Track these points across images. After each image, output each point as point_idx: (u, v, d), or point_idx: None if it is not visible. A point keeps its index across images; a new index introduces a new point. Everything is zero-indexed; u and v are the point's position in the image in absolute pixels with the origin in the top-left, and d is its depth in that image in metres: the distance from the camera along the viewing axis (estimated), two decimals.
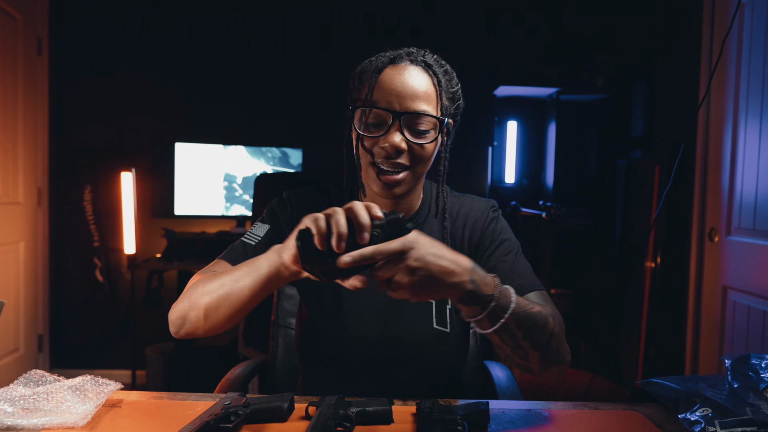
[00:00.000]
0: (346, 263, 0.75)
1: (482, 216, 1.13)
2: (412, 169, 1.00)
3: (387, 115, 0.97)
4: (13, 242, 2.96)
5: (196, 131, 3.28)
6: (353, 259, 0.75)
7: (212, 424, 0.81)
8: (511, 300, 0.86)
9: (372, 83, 0.98)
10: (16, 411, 0.85)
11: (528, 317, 0.88)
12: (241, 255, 1.03)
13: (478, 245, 1.11)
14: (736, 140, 2.34)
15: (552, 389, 2.45)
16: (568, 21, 3.34)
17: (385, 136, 0.97)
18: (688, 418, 0.89)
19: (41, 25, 3.12)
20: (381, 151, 0.98)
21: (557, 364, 0.94)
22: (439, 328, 1.06)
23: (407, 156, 0.99)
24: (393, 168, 0.98)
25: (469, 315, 0.86)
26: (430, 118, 0.98)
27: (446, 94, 1.02)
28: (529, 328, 0.88)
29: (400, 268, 0.77)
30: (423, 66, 1.00)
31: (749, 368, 0.97)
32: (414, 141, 0.98)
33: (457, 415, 0.84)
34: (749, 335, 2.22)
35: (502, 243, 1.10)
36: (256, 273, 0.88)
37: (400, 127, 0.97)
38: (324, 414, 0.84)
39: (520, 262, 1.08)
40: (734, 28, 2.31)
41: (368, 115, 0.98)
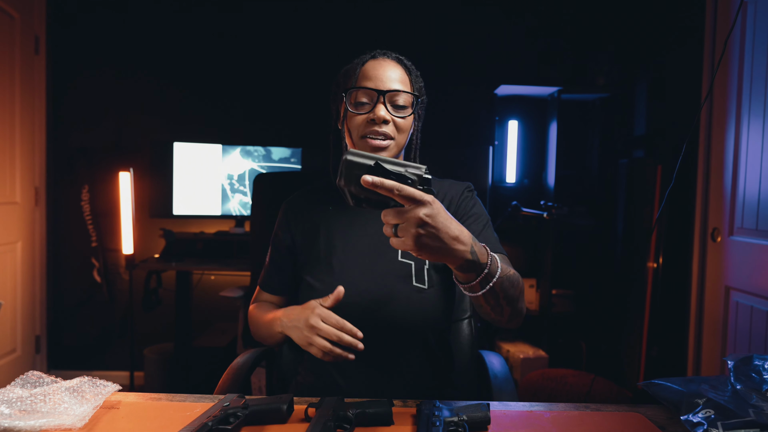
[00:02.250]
0: (367, 182, 0.81)
1: (458, 194, 1.30)
2: (395, 139, 1.21)
3: (372, 93, 1.19)
4: (10, 242, 2.95)
5: (195, 131, 3.27)
6: (374, 182, 0.81)
7: (211, 425, 0.81)
8: (498, 266, 0.95)
9: (357, 73, 1.21)
10: (14, 413, 0.85)
11: (508, 280, 1.00)
12: (266, 273, 1.35)
13: (455, 213, 1.25)
14: (738, 139, 2.33)
15: (553, 390, 2.45)
16: (569, 19, 3.34)
17: (373, 110, 1.18)
18: (690, 420, 0.88)
19: (39, 24, 3.11)
20: (369, 124, 1.18)
21: (519, 316, 1.09)
22: (417, 285, 1.19)
23: (392, 127, 1.20)
24: (380, 136, 1.19)
25: (463, 280, 0.95)
26: (407, 95, 1.22)
27: (415, 84, 1.25)
28: (507, 290, 1.00)
29: (412, 218, 0.83)
30: (396, 60, 1.25)
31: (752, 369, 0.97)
32: (395, 114, 1.20)
33: (457, 416, 0.84)
34: (752, 336, 2.21)
35: (473, 215, 1.25)
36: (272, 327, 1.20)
37: (384, 102, 1.19)
38: (323, 415, 0.84)
39: (488, 232, 1.23)
40: (737, 26, 2.31)
41: (356, 97, 1.20)
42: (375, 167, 0.83)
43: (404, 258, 1.20)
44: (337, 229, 1.26)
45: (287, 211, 1.33)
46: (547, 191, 3.26)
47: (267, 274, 1.35)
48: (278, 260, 1.32)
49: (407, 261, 1.20)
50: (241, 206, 3.11)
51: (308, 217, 1.30)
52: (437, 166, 1.19)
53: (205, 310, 3.32)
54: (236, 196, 3.11)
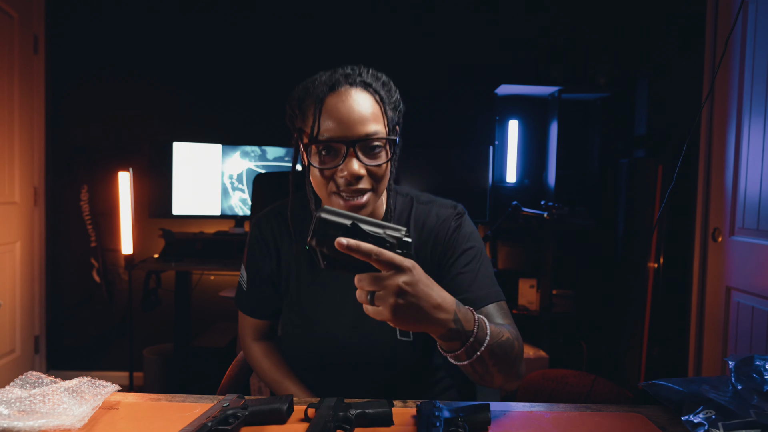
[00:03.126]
0: (341, 245, 0.74)
1: (445, 226, 1.14)
2: (373, 190, 1.03)
3: (340, 145, 0.99)
4: (9, 242, 2.94)
5: (194, 130, 3.27)
6: (349, 245, 0.75)
7: (210, 426, 0.80)
8: (486, 333, 0.88)
9: (317, 115, 0.99)
10: (13, 413, 0.84)
11: (499, 346, 0.91)
12: (245, 300, 1.26)
13: (441, 256, 1.13)
14: (739, 139, 2.33)
15: (554, 391, 2.44)
16: (569, 19, 3.34)
17: (343, 166, 0.99)
18: (691, 420, 0.88)
19: (37, 23, 3.11)
20: (342, 180, 1.00)
21: (514, 381, 0.99)
22: (402, 339, 1.12)
23: (367, 179, 1.01)
24: (357, 194, 1.01)
25: (447, 348, 0.87)
26: (381, 135, 1.01)
27: (389, 106, 1.04)
28: (499, 356, 0.91)
29: (390, 286, 0.76)
30: (362, 86, 1.01)
31: (753, 370, 0.97)
32: (371, 164, 1.00)
33: (458, 416, 0.84)
34: (753, 336, 2.21)
35: (464, 252, 1.12)
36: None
37: (355, 154, 0.99)
38: (323, 416, 0.83)
39: (481, 271, 1.10)
40: (737, 26, 2.30)
41: (322, 150, 1.00)
42: (351, 228, 0.77)
43: None
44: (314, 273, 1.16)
45: (261, 238, 1.20)
46: (548, 191, 3.25)
47: (248, 300, 1.25)
48: (259, 286, 1.22)
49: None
50: (241, 202, 3.11)
51: (285, 250, 1.19)
52: (437, 166, 1.15)
53: (205, 311, 3.31)
54: (236, 194, 3.11)
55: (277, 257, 1.19)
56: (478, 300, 1.06)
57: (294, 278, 1.18)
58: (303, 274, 1.17)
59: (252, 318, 1.27)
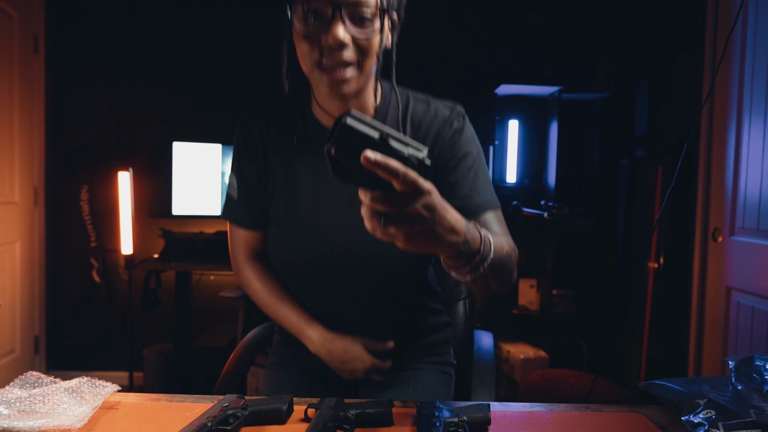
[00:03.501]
0: (369, 160, 0.66)
1: (445, 126, 1.09)
2: (359, 64, 0.96)
3: (326, 8, 0.91)
4: (9, 242, 2.94)
5: (194, 130, 3.27)
6: (377, 161, 0.66)
7: (210, 426, 0.80)
8: (490, 250, 0.84)
9: None
10: (12, 413, 0.84)
11: (500, 260, 0.89)
12: (236, 210, 1.18)
13: (439, 157, 1.08)
14: (740, 139, 2.33)
15: (554, 391, 2.44)
16: (570, 19, 3.34)
17: (327, 30, 0.92)
18: (691, 420, 0.88)
19: (37, 23, 3.11)
20: (324, 49, 0.93)
21: (507, 288, 0.97)
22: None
23: (353, 50, 0.94)
24: (339, 65, 0.94)
25: (451, 266, 0.84)
26: (372, 3, 0.93)
27: None
28: (499, 270, 0.89)
29: (409, 211, 0.70)
30: None
31: (753, 370, 0.96)
32: (357, 33, 0.93)
33: (458, 417, 0.84)
34: (753, 336, 2.21)
35: (465, 157, 1.08)
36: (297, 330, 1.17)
37: (341, 18, 0.91)
38: (323, 416, 0.83)
39: (480, 179, 1.08)
40: (738, 26, 2.30)
41: (307, 12, 0.92)
42: (379, 141, 0.68)
43: None
44: (303, 168, 1.10)
45: (248, 137, 1.15)
46: (548, 191, 3.25)
47: (238, 210, 1.18)
48: (247, 194, 1.16)
49: None
50: None
51: (273, 147, 1.13)
52: None
53: (205, 311, 3.31)
54: None
55: (264, 156, 1.14)
56: (478, 207, 1.04)
57: (281, 178, 1.12)
58: (290, 173, 1.11)
59: (244, 230, 1.19)
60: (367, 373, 1.14)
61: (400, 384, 1.21)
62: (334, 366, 1.15)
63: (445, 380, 1.26)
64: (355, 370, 1.13)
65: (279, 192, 1.13)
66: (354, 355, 1.13)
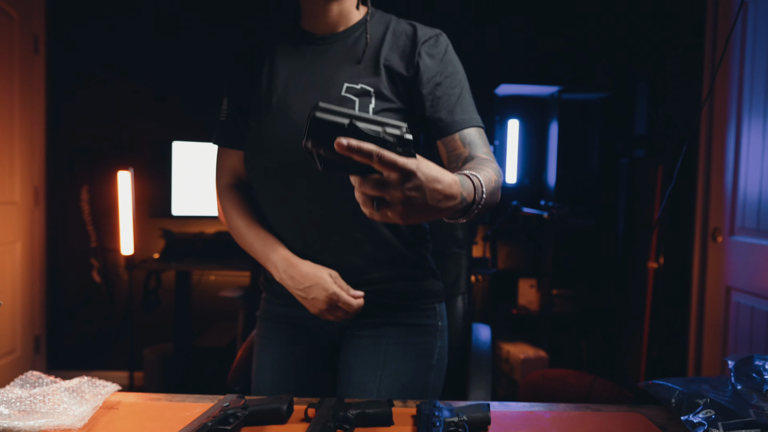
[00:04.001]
0: (342, 146, 0.67)
1: (434, 40, 1.13)
2: None
3: None
4: (9, 242, 2.94)
5: (194, 130, 3.26)
6: (350, 146, 0.67)
7: (211, 426, 0.80)
8: (483, 194, 0.86)
9: None
10: (13, 413, 0.84)
11: (491, 195, 0.91)
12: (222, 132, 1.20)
13: (424, 71, 1.10)
14: (739, 139, 2.33)
15: (554, 390, 2.44)
16: (570, 19, 3.34)
17: None
18: (690, 420, 0.88)
19: (38, 24, 3.11)
20: None
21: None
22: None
23: None
24: None
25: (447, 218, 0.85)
26: None
27: None
28: (489, 203, 0.91)
29: (395, 194, 0.72)
30: None
31: (753, 370, 0.96)
32: None
33: (457, 416, 0.84)
34: (753, 336, 2.21)
35: (454, 74, 1.12)
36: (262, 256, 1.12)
37: None
38: (323, 416, 0.83)
39: (465, 97, 1.11)
40: (737, 26, 2.30)
41: None
42: (349, 128, 0.70)
43: (348, 93, 1.06)
44: (281, 66, 1.12)
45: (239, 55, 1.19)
46: (548, 191, 3.25)
47: (224, 131, 1.20)
48: (234, 110, 1.18)
49: (351, 97, 1.05)
50: None
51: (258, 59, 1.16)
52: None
53: (205, 311, 3.31)
54: None
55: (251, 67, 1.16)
56: (462, 122, 1.07)
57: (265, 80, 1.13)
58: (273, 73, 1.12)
59: (229, 152, 1.20)
60: (332, 305, 1.06)
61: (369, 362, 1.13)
62: (296, 295, 1.09)
63: (421, 354, 1.15)
64: (316, 299, 1.06)
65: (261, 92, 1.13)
66: (315, 282, 1.06)
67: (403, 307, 1.15)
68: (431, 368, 1.16)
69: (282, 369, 1.17)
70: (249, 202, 1.19)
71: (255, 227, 1.15)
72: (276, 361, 1.18)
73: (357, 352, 1.14)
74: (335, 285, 1.06)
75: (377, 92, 1.06)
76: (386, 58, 1.09)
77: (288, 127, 1.07)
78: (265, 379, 1.18)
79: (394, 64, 1.09)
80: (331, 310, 1.07)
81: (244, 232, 1.16)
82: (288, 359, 1.18)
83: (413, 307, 1.16)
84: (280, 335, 1.20)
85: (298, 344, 1.19)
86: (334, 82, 1.07)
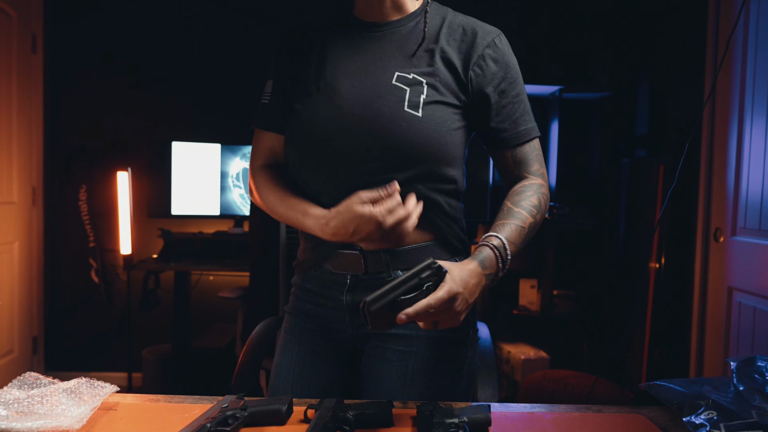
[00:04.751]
0: (403, 321, 0.85)
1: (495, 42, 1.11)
2: None
3: None
4: (7, 243, 2.94)
5: (193, 130, 3.26)
6: (408, 317, 0.85)
7: (210, 427, 0.80)
8: (508, 258, 0.99)
9: None
10: (11, 414, 0.84)
11: (522, 243, 1.03)
12: (264, 115, 1.17)
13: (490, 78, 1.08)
14: (741, 139, 2.32)
15: (555, 391, 2.44)
16: (571, 17, 3.33)
17: None
18: (692, 421, 0.87)
19: (36, 23, 3.11)
20: None
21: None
22: (410, 111, 1.02)
23: None
24: None
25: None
26: None
27: None
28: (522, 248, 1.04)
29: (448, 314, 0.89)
30: None
31: (755, 370, 0.96)
32: None
33: (458, 418, 0.83)
34: (755, 337, 2.20)
35: (516, 79, 1.12)
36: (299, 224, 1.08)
37: None
38: (323, 417, 0.83)
39: (525, 101, 1.12)
40: (739, 24, 2.30)
41: None
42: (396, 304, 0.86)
43: (399, 83, 1.04)
44: (331, 52, 1.11)
45: (290, 37, 1.17)
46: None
47: (266, 114, 1.17)
48: (279, 92, 1.15)
49: (402, 86, 1.04)
50: (241, 199, 3.10)
51: (309, 44, 1.14)
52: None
53: (204, 311, 3.31)
54: (236, 191, 3.10)
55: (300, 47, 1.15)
56: (525, 133, 1.10)
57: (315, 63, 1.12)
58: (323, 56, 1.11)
59: (269, 134, 1.17)
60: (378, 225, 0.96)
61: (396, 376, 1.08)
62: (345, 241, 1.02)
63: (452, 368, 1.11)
64: (369, 233, 0.97)
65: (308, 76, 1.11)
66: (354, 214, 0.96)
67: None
68: (461, 379, 1.12)
69: (300, 369, 1.15)
70: (281, 177, 1.15)
71: (287, 198, 1.10)
72: (295, 361, 1.16)
73: (383, 364, 1.09)
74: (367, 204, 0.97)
75: (430, 83, 1.04)
76: (442, 51, 1.07)
77: (332, 111, 1.05)
78: (283, 374, 1.16)
79: (451, 57, 1.07)
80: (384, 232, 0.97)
81: (276, 205, 1.11)
82: (308, 360, 1.16)
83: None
84: (303, 334, 1.17)
85: (320, 346, 1.16)
86: (386, 69, 1.06)
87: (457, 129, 1.06)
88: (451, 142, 1.05)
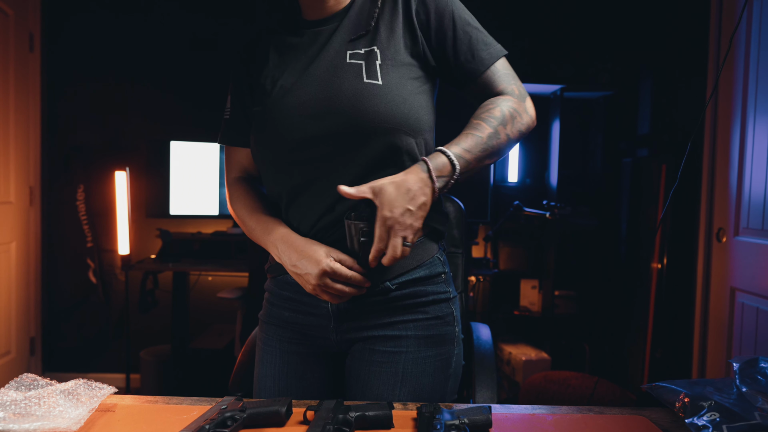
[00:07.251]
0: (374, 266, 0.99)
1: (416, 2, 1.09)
2: None
3: None
4: (4, 243, 2.93)
5: (191, 130, 3.25)
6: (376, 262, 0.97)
7: (208, 429, 0.80)
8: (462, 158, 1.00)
9: None
10: (8, 416, 0.84)
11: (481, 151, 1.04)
12: (228, 131, 1.20)
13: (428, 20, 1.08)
14: (744, 138, 2.31)
15: (556, 393, 2.43)
16: (572, 17, 3.33)
17: None
18: (695, 423, 0.87)
19: (33, 21, 3.10)
20: None
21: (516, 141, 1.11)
22: (370, 81, 1.03)
23: None
24: None
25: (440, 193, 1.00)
26: None
27: None
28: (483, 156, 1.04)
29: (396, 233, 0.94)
30: None
31: (758, 372, 0.96)
32: None
33: (459, 419, 0.83)
34: (758, 338, 2.19)
35: (454, 14, 1.10)
36: (260, 244, 1.12)
37: None
38: (323, 418, 0.83)
39: (474, 29, 1.11)
40: (742, 23, 2.29)
41: None
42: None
43: (353, 59, 1.05)
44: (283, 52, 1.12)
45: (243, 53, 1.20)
46: (550, 191, 3.24)
47: (230, 130, 1.18)
48: (238, 108, 1.17)
49: (356, 62, 1.04)
50: None
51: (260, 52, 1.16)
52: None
53: (203, 312, 3.30)
54: None
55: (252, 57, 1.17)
56: (490, 57, 1.10)
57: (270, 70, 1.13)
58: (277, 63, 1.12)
59: (236, 149, 1.19)
60: (324, 282, 0.99)
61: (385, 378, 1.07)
62: (291, 272, 1.05)
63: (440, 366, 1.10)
64: (309, 274, 1.00)
65: (262, 79, 1.12)
66: (307, 255, 1.01)
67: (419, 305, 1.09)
68: (449, 378, 1.12)
69: (284, 381, 1.13)
70: (253, 191, 1.18)
71: (256, 213, 1.13)
72: (278, 372, 1.14)
73: (371, 366, 1.08)
74: (329, 258, 1.00)
75: (382, 50, 1.06)
76: (388, 20, 1.08)
77: (293, 101, 1.05)
78: (267, 388, 1.14)
79: (395, 21, 1.08)
80: (325, 288, 1.00)
81: (245, 219, 1.14)
82: (291, 371, 1.14)
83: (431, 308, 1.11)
84: (282, 344, 1.15)
85: (302, 354, 1.14)
86: (338, 53, 1.06)
87: (420, 92, 1.08)
88: (417, 105, 1.06)
